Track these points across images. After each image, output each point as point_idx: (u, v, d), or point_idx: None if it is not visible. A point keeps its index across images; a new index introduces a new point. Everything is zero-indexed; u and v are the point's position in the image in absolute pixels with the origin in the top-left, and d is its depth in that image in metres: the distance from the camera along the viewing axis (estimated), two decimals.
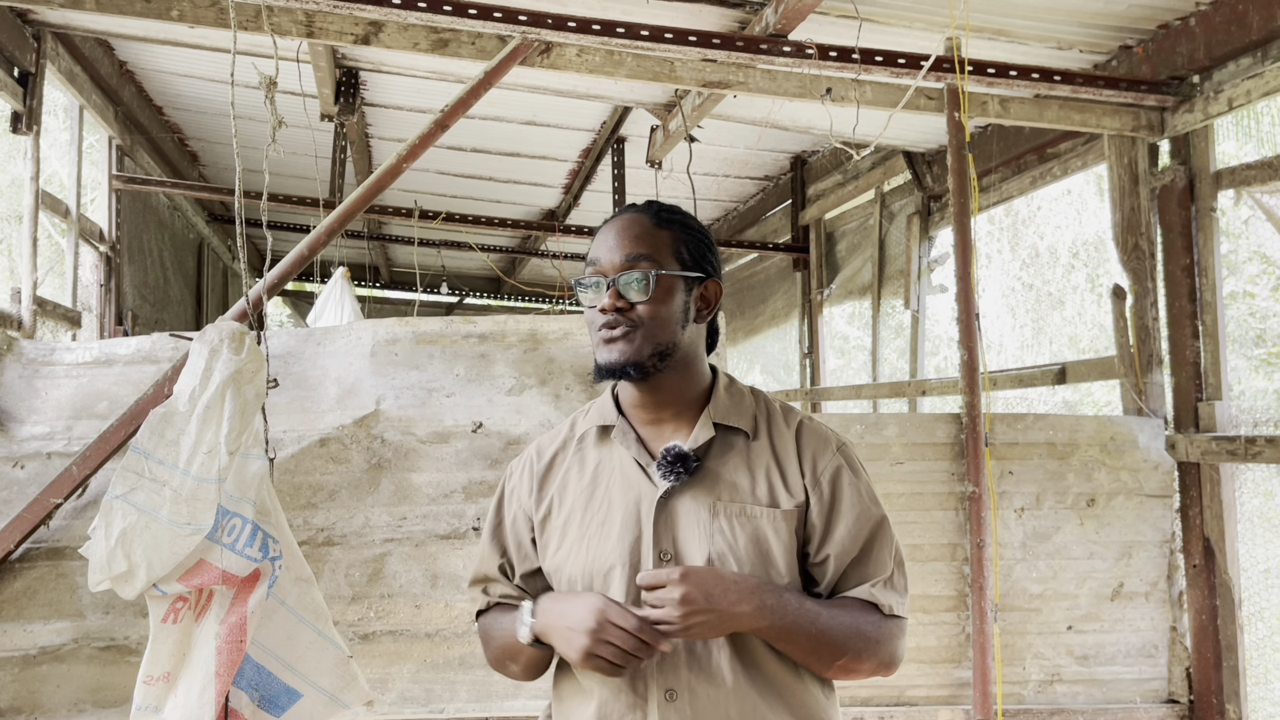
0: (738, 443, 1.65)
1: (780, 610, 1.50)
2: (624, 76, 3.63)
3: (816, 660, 1.56)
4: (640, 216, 1.65)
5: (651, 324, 1.58)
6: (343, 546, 3.33)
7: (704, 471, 1.61)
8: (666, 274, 1.60)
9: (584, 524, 1.62)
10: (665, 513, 1.58)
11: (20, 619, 3.12)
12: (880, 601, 1.60)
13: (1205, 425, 3.78)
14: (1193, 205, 3.88)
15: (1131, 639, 3.73)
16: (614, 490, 1.63)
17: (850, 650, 1.55)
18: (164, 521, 2.42)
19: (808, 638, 1.52)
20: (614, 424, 1.67)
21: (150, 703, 2.46)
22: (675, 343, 1.61)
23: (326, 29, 3.43)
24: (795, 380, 7.50)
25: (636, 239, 1.61)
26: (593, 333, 1.62)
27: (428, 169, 6.90)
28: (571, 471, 1.69)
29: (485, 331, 3.57)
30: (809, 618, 1.52)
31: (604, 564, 1.58)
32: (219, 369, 2.52)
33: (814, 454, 1.64)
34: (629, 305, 1.58)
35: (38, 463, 3.23)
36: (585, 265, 1.66)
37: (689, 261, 1.63)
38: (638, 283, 1.57)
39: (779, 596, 1.51)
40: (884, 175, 6.22)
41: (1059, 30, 3.99)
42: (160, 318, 6.59)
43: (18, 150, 8.98)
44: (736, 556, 1.55)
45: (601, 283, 1.60)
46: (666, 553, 1.56)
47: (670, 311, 1.60)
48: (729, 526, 1.57)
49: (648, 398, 1.64)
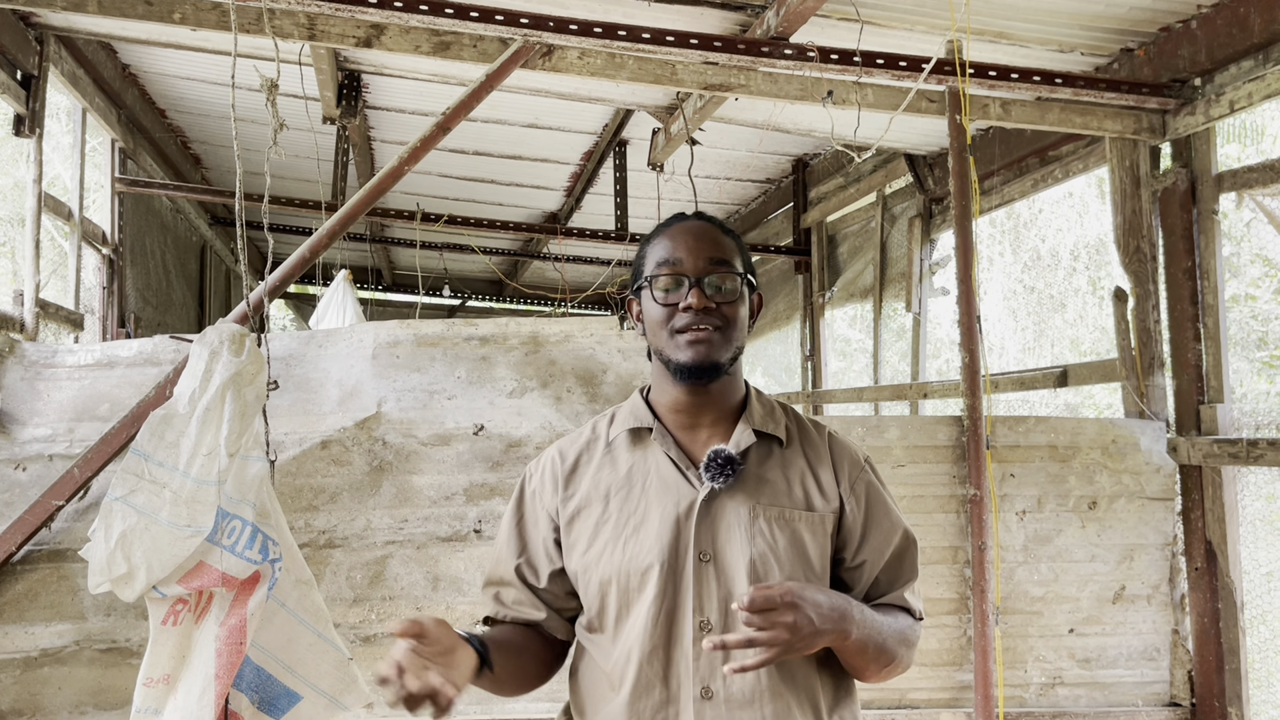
0: (773, 450, 1.69)
1: (863, 624, 1.54)
2: (625, 79, 3.63)
3: (873, 665, 1.60)
4: (710, 225, 1.69)
5: (735, 326, 1.63)
6: (344, 549, 3.33)
7: (743, 475, 1.64)
8: (744, 278, 1.65)
9: (618, 525, 1.63)
10: (707, 515, 1.61)
11: (22, 621, 3.13)
12: (914, 607, 1.69)
13: (1207, 428, 3.77)
14: (1194, 208, 3.87)
15: (1133, 642, 3.72)
16: (650, 492, 1.64)
17: (898, 655, 1.63)
18: (164, 524, 2.42)
19: (876, 647, 1.57)
20: (650, 426, 1.69)
21: (150, 705, 2.46)
22: (743, 347, 1.67)
23: (328, 31, 3.44)
24: (797, 383, 7.50)
25: (715, 243, 1.65)
26: (665, 333, 1.63)
27: (430, 172, 6.90)
28: (602, 472, 1.70)
29: (487, 334, 3.57)
30: (878, 628, 1.58)
31: (641, 564, 1.59)
32: (219, 371, 2.52)
33: (849, 464, 1.70)
34: (715, 306, 1.62)
35: (39, 465, 3.23)
36: (655, 266, 1.66)
37: (747, 271, 1.69)
38: (726, 283, 1.62)
39: (862, 611, 1.56)
40: (885, 178, 6.22)
41: (1060, 33, 3.99)
42: (163, 320, 6.60)
43: (20, 153, 9.01)
44: (778, 558, 1.58)
45: (684, 281, 1.62)
46: (706, 554, 1.59)
47: (744, 315, 1.66)
48: (769, 529, 1.60)
49: (696, 400, 1.67)
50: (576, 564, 1.66)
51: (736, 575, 1.57)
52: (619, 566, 1.60)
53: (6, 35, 4.00)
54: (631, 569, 1.59)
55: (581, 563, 1.65)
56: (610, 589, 1.61)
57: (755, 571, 1.56)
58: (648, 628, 1.57)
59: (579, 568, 1.66)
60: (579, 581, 1.67)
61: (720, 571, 1.58)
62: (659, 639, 1.57)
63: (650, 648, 1.56)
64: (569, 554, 1.68)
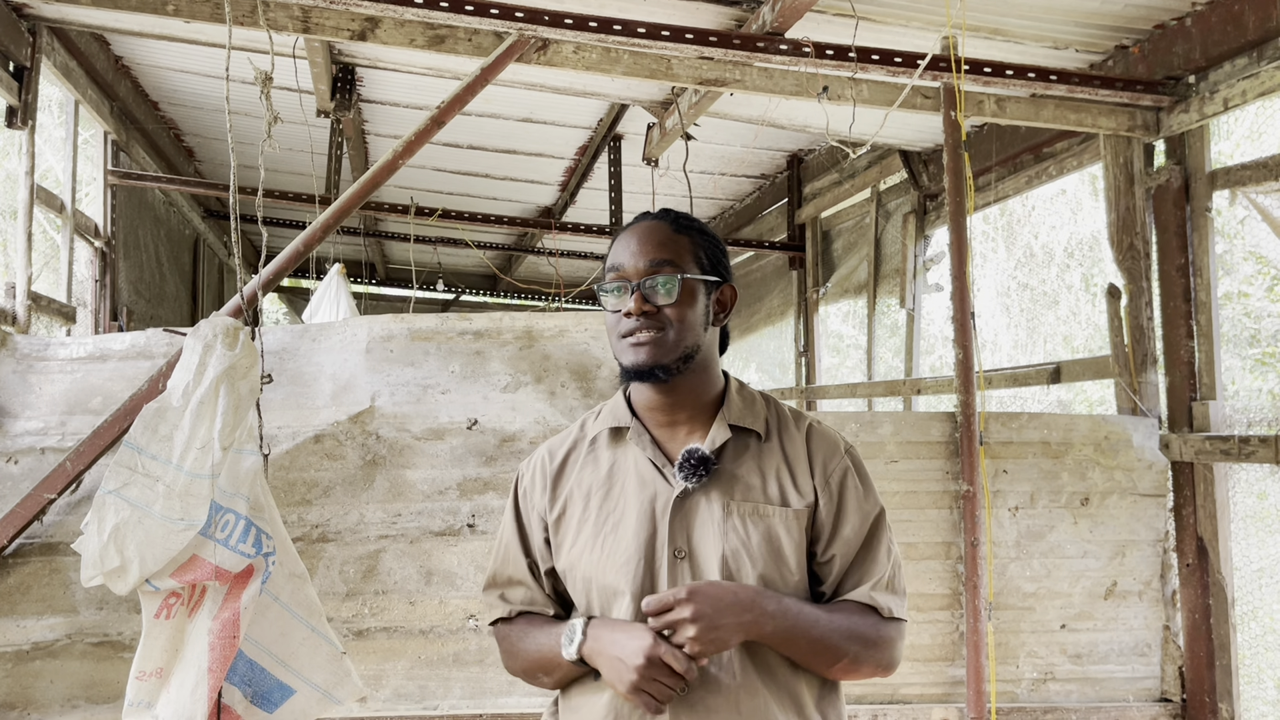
0: (750, 444, 1.69)
1: (780, 616, 1.54)
2: (621, 74, 3.63)
3: (817, 662, 1.60)
4: (660, 223, 1.69)
5: (678, 327, 1.62)
6: (337, 543, 3.33)
7: (718, 472, 1.64)
8: (690, 278, 1.64)
9: (598, 523, 1.65)
10: (681, 512, 1.62)
11: (13, 614, 3.12)
12: (879, 604, 1.64)
13: (1199, 425, 3.78)
14: (1188, 205, 3.88)
15: (1125, 638, 3.73)
16: (629, 490, 1.66)
17: (849, 654, 1.60)
18: (157, 517, 2.42)
19: (808, 642, 1.57)
20: (628, 425, 1.70)
21: (143, 699, 2.45)
22: (698, 345, 1.65)
23: (323, 24, 3.43)
24: (790, 379, 7.51)
25: (659, 244, 1.65)
26: (615, 337, 1.66)
27: (424, 166, 6.89)
28: (585, 472, 1.71)
29: (481, 328, 3.57)
30: (808, 623, 1.56)
31: (618, 560, 1.60)
32: (213, 364, 2.51)
33: (824, 457, 1.69)
34: (655, 309, 1.62)
35: (31, 458, 3.22)
36: (606, 271, 1.68)
37: (707, 266, 1.68)
38: (664, 286, 1.62)
39: (779, 602, 1.55)
40: (880, 174, 6.22)
41: (1055, 30, 3.99)
42: (156, 313, 6.58)
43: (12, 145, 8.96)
44: (750, 554, 1.58)
45: (626, 287, 1.63)
46: (681, 550, 1.60)
47: (695, 314, 1.64)
48: (742, 525, 1.60)
49: (666, 399, 1.67)
50: (563, 563, 1.68)
51: (710, 571, 1.58)
52: (598, 563, 1.62)
53: None
54: (609, 566, 1.61)
55: (567, 561, 1.67)
56: (591, 586, 1.63)
57: (727, 567, 1.57)
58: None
59: (565, 566, 1.68)
60: (565, 580, 1.69)
61: (694, 568, 1.59)
62: None
63: None
64: (557, 553, 1.70)
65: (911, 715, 3.56)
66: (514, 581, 1.76)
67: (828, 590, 1.66)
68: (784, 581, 1.60)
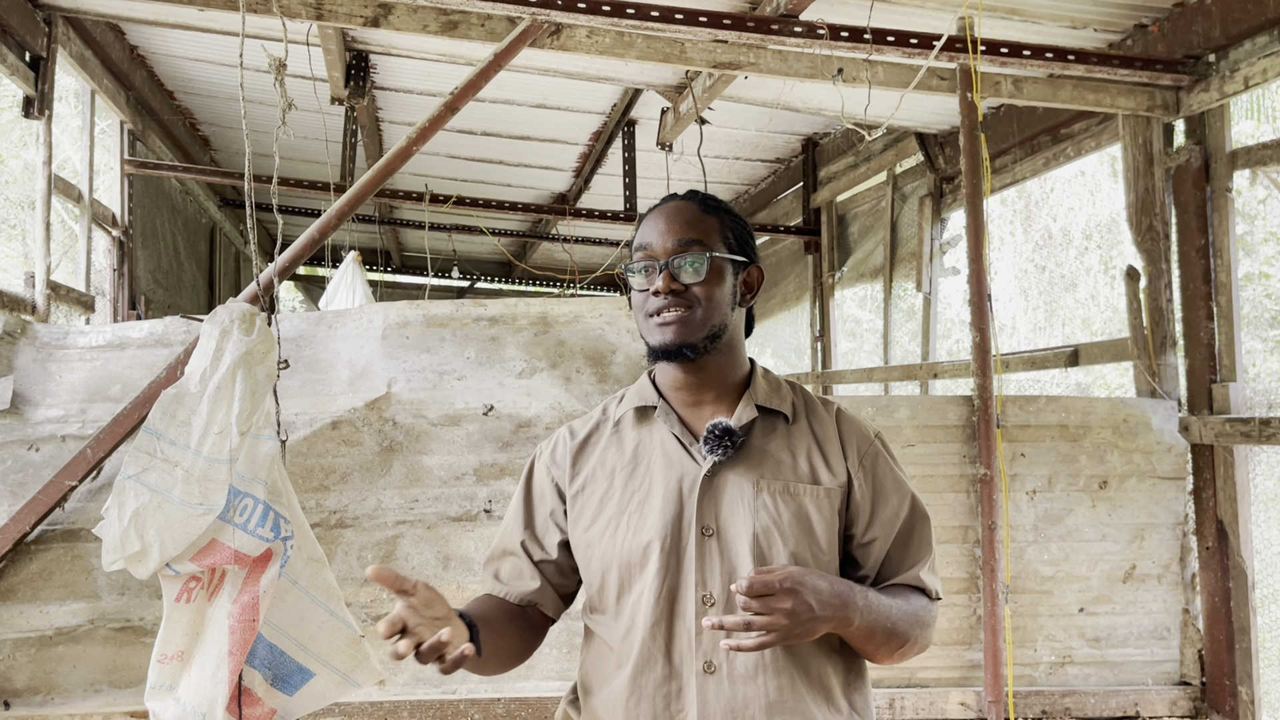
0: (779, 425, 1.68)
1: (867, 610, 1.53)
2: (634, 58, 3.61)
3: (884, 650, 1.60)
4: (687, 203, 1.69)
5: (706, 305, 1.62)
6: (355, 529, 3.35)
7: (747, 450, 1.64)
8: (718, 256, 1.64)
9: (622, 501, 1.64)
10: (709, 490, 1.61)
11: (36, 600, 3.16)
12: (929, 586, 1.66)
13: (1219, 407, 3.75)
14: (1208, 186, 3.84)
15: (1144, 621, 3.72)
16: (655, 468, 1.65)
17: (910, 638, 1.61)
18: (176, 501, 2.44)
19: (884, 632, 1.56)
20: (655, 404, 1.70)
21: (165, 681, 2.48)
22: (725, 324, 1.65)
23: (336, 11, 3.43)
24: (806, 363, 7.49)
25: (687, 224, 1.65)
26: (642, 316, 1.65)
27: (438, 153, 6.89)
28: (609, 452, 1.71)
29: (496, 314, 3.57)
30: (885, 612, 1.56)
31: (643, 539, 1.59)
32: (230, 350, 2.53)
33: (856, 440, 1.69)
34: (683, 287, 1.61)
35: (52, 445, 3.25)
36: (633, 251, 1.68)
37: (735, 246, 1.68)
38: (692, 265, 1.61)
39: (866, 597, 1.54)
40: (896, 157, 6.18)
41: (1073, 9, 3.95)
42: (173, 302, 6.62)
43: (30, 135, 9.02)
44: (781, 532, 1.57)
45: (654, 266, 1.63)
46: (709, 528, 1.59)
47: (722, 294, 1.64)
48: (773, 503, 1.59)
49: (692, 379, 1.67)
50: (579, 538, 1.68)
51: (740, 549, 1.57)
52: (622, 543, 1.61)
53: (15, 17, 4.00)
54: (634, 544, 1.60)
55: (584, 538, 1.67)
56: (611, 566, 1.62)
57: (758, 545, 1.56)
58: (651, 603, 1.57)
59: (581, 543, 1.67)
60: (580, 557, 1.69)
61: (723, 546, 1.58)
62: (661, 614, 1.57)
63: (653, 622, 1.57)
64: (573, 526, 1.69)
65: (929, 699, 3.56)
66: (506, 553, 1.76)
67: (870, 573, 1.65)
68: (815, 560, 1.58)
